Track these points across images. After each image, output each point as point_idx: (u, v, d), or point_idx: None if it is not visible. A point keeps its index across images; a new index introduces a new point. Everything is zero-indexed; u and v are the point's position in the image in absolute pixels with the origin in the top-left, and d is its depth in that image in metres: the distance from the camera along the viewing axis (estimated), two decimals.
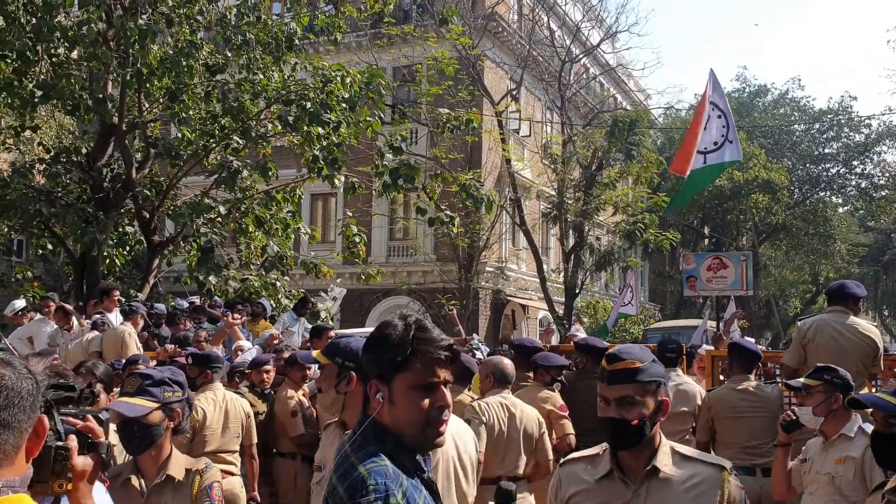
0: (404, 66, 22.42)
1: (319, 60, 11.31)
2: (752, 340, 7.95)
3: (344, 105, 9.39)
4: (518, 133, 25.88)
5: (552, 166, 23.13)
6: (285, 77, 10.76)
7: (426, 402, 1.82)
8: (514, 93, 25.07)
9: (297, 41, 10.75)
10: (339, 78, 9.40)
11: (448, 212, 10.45)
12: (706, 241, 38.89)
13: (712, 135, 7.40)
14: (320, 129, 9.62)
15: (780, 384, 5.10)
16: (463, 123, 11.03)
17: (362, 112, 9.95)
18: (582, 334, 8.32)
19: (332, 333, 6.63)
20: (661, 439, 2.24)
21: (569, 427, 5.10)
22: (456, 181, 11.12)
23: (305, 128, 9.63)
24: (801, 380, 3.84)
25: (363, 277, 12.11)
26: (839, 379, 3.65)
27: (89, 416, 1.86)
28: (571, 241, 22.97)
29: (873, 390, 5.41)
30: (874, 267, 53.26)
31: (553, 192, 23.91)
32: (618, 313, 16.17)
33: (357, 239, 10.59)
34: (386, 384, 1.86)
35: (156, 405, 2.72)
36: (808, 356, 5.04)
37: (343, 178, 10.23)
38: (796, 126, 41.12)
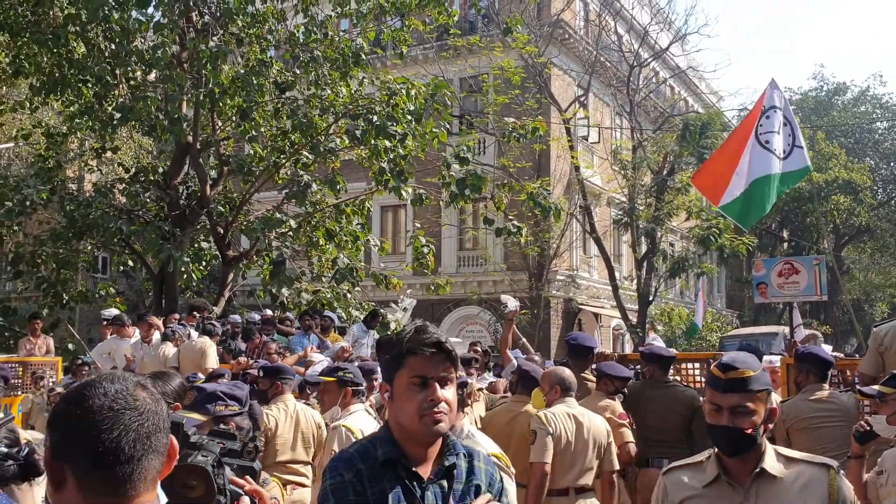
0: (471, 76, 22.48)
1: (386, 74, 11.43)
2: (829, 348, 7.62)
3: (410, 117, 9.46)
4: (587, 140, 25.63)
5: (622, 172, 22.81)
6: (352, 92, 10.90)
7: (420, 396, 1.99)
8: (582, 99, 24.84)
9: (363, 56, 10.89)
10: (404, 91, 9.47)
11: (515, 221, 10.38)
12: (785, 244, 37.71)
13: (780, 145, 7.13)
14: (387, 142, 9.70)
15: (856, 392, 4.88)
16: (529, 132, 10.96)
17: (428, 124, 10.00)
18: (659, 342, 8.09)
19: None
20: (766, 443, 2.29)
21: (628, 435, 5.01)
22: (523, 190, 11.06)
23: (372, 141, 9.73)
24: (876, 387, 3.65)
25: (433, 288, 12.16)
26: None
27: (248, 479, 1.93)
28: (644, 248, 22.56)
29: None
30: None
31: (624, 199, 23.56)
32: (701, 317, 15.79)
33: (426, 250, 10.63)
34: (390, 384, 2.08)
35: (204, 419, 2.76)
36: (885, 363, 4.81)
37: (410, 190, 10.30)
38: (878, 123, 39.55)
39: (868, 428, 3.64)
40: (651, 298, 22.59)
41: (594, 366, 5.67)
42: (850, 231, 37.04)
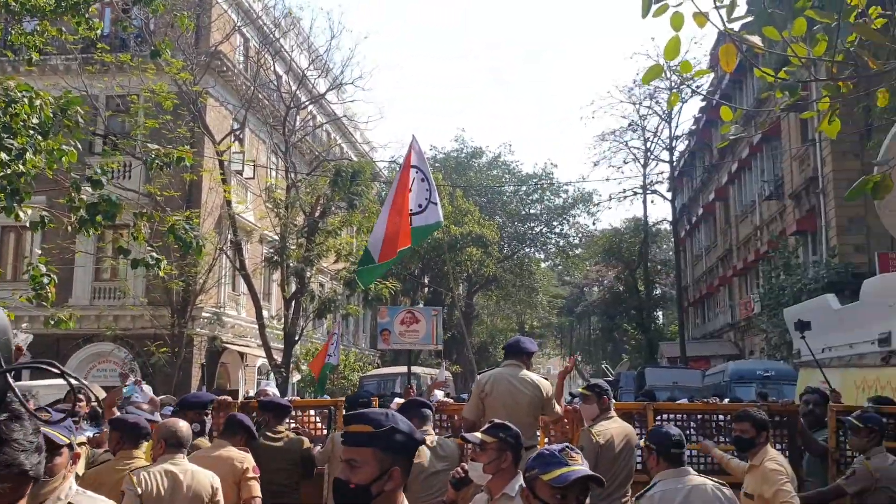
0: (119, 95, 20.98)
1: (9, 80, 10.16)
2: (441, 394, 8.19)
3: (32, 131, 8.45)
4: (241, 175, 25.29)
5: (275, 210, 22.83)
6: None
7: None
8: (238, 133, 24.51)
9: None
10: (26, 100, 8.46)
11: (154, 253, 9.78)
12: (426, 290, 40.56)
13: (417, 197, 7.64)
14: (3, 155, 8.55)
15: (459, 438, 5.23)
16: (175, 160, 10.41)
17: (56, 140, 9.03)
18: (273, 388, 7.99)
19: None
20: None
21: (256, 489, 4.82)
22: (164, 221, 10.47)
23: None
24: (479, 435, 3.75)
25: (52, 322, 10.90)
26: (511, 437, 3.61)
27: None
28: (293, 287, 22.70)
29: (546, 440, 5.74)
30: (569, 317, 59.18)
31: (276, 237, 23.57)
32: (324, 366, 16.02)
33: (46, 279, 9.50)
34: None
35: None
36: (486, 409, 5.27)
37: (30, 211, 9.17)
38: (506, 187, 44.69)
39: (464, 474, 3.69)
40: (297, 338, 22.72)
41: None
42: (480, 280, 41.03)
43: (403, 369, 25.92)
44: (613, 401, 5.50)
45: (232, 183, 22.82)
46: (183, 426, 4.29)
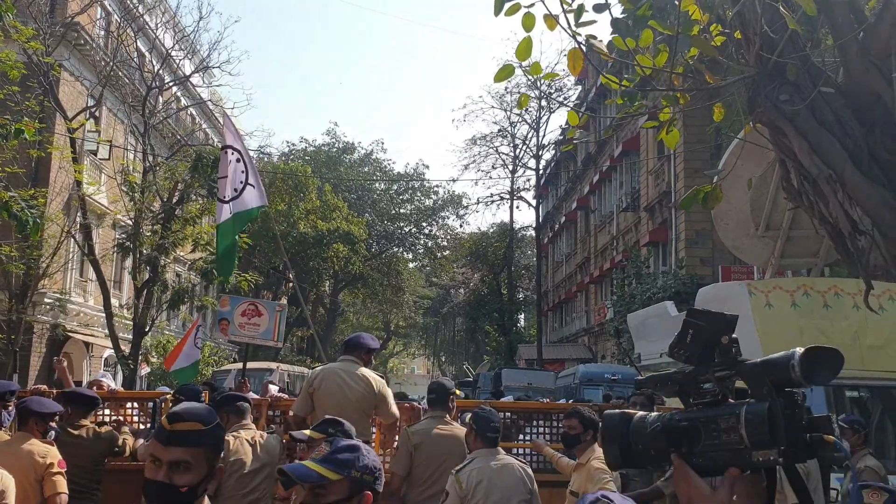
0: None
1: None
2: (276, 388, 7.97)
3: None
4: (95, 155, 23.91)
5: (130, 194, 21.70)
6: None
7: None
8: (94, 111, 23.16)
9: None
10: None
11: None
12: (289, 284, 39.81)
13: (233, 181, 7.27)
14: None
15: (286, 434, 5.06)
16: (12, 132, 9.66)
17: None
18: (108, 381, 7.45)
19: None
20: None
21: (62, 485, 4.45)
22: None
23: None
24: (307, 432, 3.70)
25: None
26: (341, 433, 3.50)
27: None
28: (146, 276, 21.64)
29: (387, 452, 5.56)
30: (435, 318, 59.75)
31: (129, 222, 22.41)
32: (191, 359, 15.35)
33: None
34: None
35: None
36: (315, 404, 5.16)
37: None
38: (377, 184, 44.59)
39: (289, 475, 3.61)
40: (147, 329, 21.69)
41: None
42: (346, 277, 40.72)
43: (261, 364, 25.31)
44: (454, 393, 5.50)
45: (84, 163, 21.53)
46: None
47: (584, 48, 4.37)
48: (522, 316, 51.29)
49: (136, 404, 6.28)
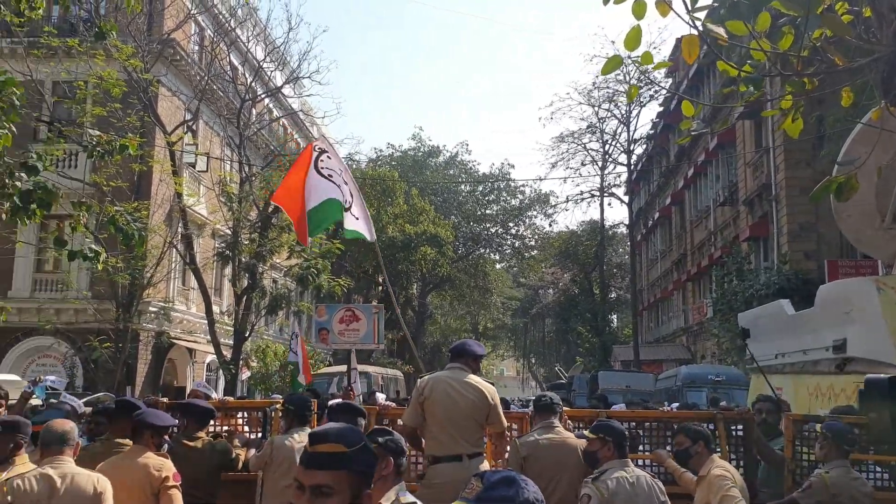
0: (66, 81, 20.26)
1: None
2: (383, 396, 7.91)
3: None
4: (194, 167, 24.70)
5: (228, 204, 22.31)
6: None
7: None
8: (191, 124, 23.93)
9: None
10: None
11: (93, 244, 9.33)
12: (379, 288, 40.19)
13: (346, 195, 7.02)
14: None
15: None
16: (117, 148, 9.96)
17: None
18: (206, 390, 7.46)
19: None
20: None
21: (178, 499, 4.41)
22: (103, 211, 10.03)
23: None
24: None
25: None
26: (392, 443, 3.39)
27: None
28: (245, 283, 22.20)
29: (498, 463, 5.37)
30: (524, 319, 59.33)
31: (228, 231, 23.04)
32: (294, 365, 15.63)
33: None
34: None
35: None
36: (425, 413, 5.01)
37: None
38: (463, 187, 44.55)
39: None
40: (247, 334, 22.24)
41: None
42: (434, 280, 40.83)
43: (356, 367, 25.58)
44: (559, 403, 5.29)
45: (184, 175, 22.25)
46: (58, 426, 3.90)
47: (701, 34, 4.11)
48: (615, 316, 50.33)
49: (245, 413, 6.29)
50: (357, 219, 6.97)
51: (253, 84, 23.92)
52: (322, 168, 6.97)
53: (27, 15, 10.67)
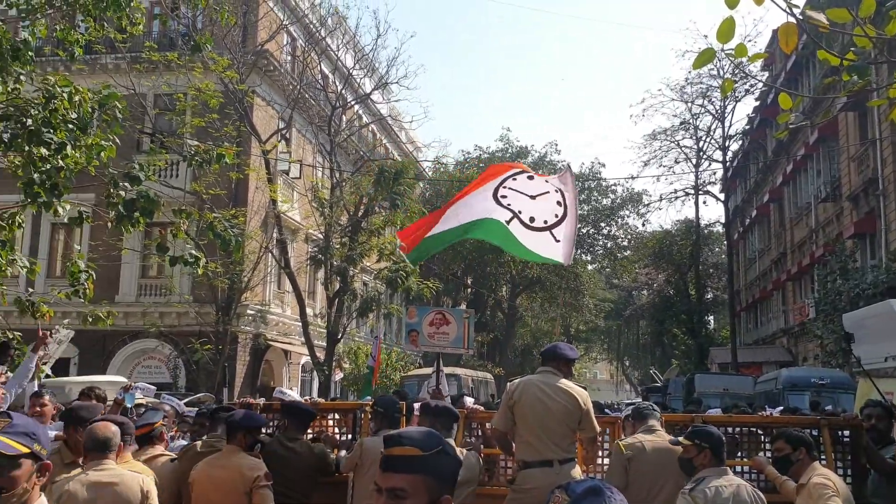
0: (166, 94, 21.15)
1: (54, 75, 10.18)
2: (471, 400, 7.83)
3: (72, 126, 8.39)
4: (287, 174, 25.36)
5: (320, 210, 22.81)
6: (9, 90, 9.51)
7: None
8: (284, 132, 24.58)
9: (27, 52, 9.57)
10: (66, 95, 8.40)
11: (193, 250, 9.68)
12: (468, 290, 40.27)
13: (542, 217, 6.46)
14: (44, 150, 8.52)
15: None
16: (215, 157, 10.30)
17: (95, 136, 8.98)
18: (293, 395, 7.54)
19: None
20: None
21: (269, 499, 4.51)
22: (203, 218, 10.40)
23: (26, 148, 8.48)
24: None
25: (90, 319, 10.90)
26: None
27: None
28: (336, 286, 22.65)
29: (590, 469, 5.31)
30: (617, 321, 58.22)
31: (320, 236, 23.55)
32: (370, 370, 15.90)
33: (83, 276, 9.47)
34: None
35: None
36: (515, 418, 4.93)
37: (68, 207, 9.14)
38: None
39: None
40: (340, 336, 22.66)
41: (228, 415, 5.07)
42: (524, 282, 40.57)
43: (446, 369, 25.70)
44: (658, 410, 5.19)
45: (278, 182, 22.87)
46: (102, 429, 3.90)
47: (800, 22, 3.91)
48: (712, 317, 48.81)
49: (336, 415, 6.37)
50: (558, 241, 6.39)
51: (343, 91, 24.37)
52: (507, 186, 6.50)
53: (129, 31, 11.17)
